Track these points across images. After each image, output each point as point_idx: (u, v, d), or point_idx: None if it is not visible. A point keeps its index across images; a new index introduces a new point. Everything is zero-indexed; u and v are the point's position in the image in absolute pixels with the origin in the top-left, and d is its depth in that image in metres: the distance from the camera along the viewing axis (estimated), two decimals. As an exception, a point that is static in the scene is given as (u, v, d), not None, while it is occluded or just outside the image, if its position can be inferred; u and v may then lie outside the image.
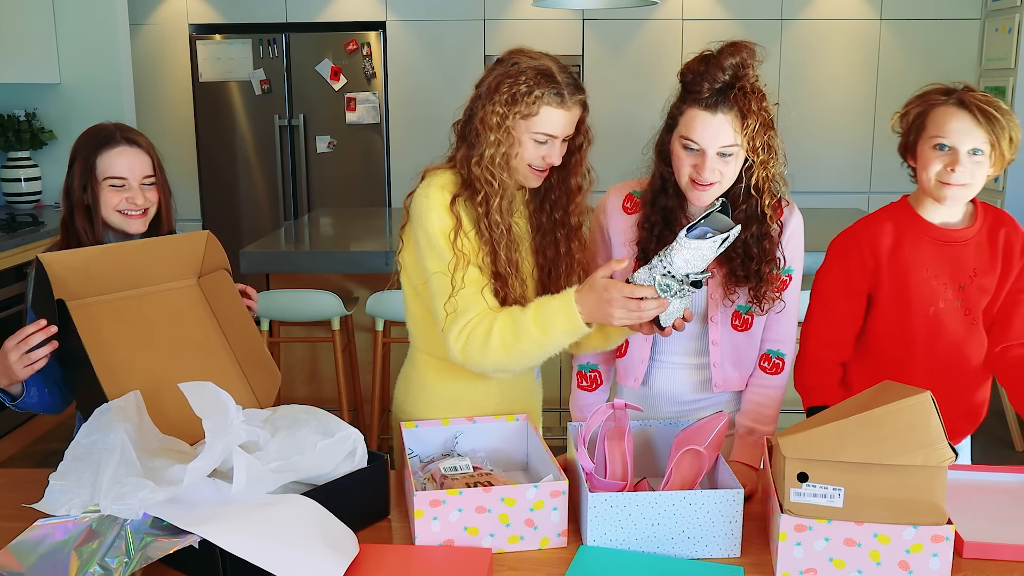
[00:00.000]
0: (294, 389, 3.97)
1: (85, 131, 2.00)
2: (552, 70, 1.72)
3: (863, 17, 5.69)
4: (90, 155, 1.94)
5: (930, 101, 1.85)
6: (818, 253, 2.07)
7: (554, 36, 5.79)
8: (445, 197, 1.74)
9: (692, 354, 1.94)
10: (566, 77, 1.73)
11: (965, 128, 1.78)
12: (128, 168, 1.95)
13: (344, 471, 1.57)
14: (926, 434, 1.39)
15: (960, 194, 1.83)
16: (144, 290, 1.88)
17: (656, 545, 1.50)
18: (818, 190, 5.59)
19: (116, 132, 1.98)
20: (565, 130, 1.74)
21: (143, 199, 1.97)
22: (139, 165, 1.97)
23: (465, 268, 1.71)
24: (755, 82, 1.73)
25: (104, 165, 1.94)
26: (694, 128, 1.72)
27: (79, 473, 1.50)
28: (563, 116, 1.72)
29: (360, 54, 5.77)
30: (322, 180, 5.95)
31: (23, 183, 4.81)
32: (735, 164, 1.75)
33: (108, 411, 1.60)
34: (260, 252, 3.63)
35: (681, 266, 1.60)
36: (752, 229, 1.80)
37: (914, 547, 1.39)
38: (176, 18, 5.88)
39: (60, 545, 1.39)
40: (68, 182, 1.95)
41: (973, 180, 1.81)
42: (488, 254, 1.74)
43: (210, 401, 1.53)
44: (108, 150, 1.94)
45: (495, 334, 1.68)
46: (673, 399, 1.97)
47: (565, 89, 1.71)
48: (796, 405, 1.93)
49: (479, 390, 1.91)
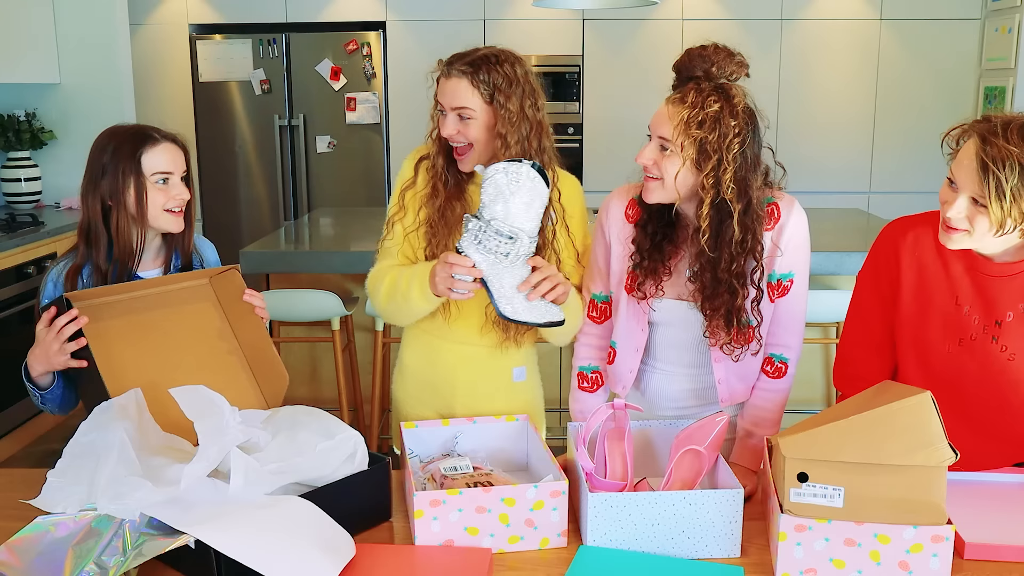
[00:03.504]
0: (294, 389, 3.96)
1: (111, 133, 1.93)
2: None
3: (863, 17, 5.69)
4: (134, 153, 1.88)
5: (970, 129, 1.59)
6: (818, 253, 2.05)
7: (554, 36, 5.79)
8: (415, 156, 1.98)
9: (691, 366, 1.88)
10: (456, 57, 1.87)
11: (968, 177, 1.54)
12: (172, 163, 1.92)
13: (344, 473, 1.57)
14: (926, 434, 1.39)
15: (961, 240, 1.61)
16: (154, 290, 1.87)
17: (656, 545, 1.50)
18: (818, 190, 5.58)
19: (152, 131, 1.94)
20: (450, 101, 1.84)
21: (187, 194, 1.95)
22: (180, 160, 1.95)
23: (403, 219, 1.94)
24: (724, 83, 1.69)
25: (151, 162, 1.89)
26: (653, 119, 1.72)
27: (77, 471, 1.50)
28: (444, 84, 1.86)
29: (360, 54, 5.77)
30: (322, 180, 5.95)
31: (23, 183, 4.81)
32: (672, 163, 1.67)
33: (108, 409, 1.60)
34: (260, 252, 3.63)
35: (492, 215, 1.64)
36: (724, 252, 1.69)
37: (914, 547, 1.39)
38: (176, 18, 5.88)
39: (59, 542, 1.39)
40: (106, 185, 1.88)
41: (975, 227, 1.57)
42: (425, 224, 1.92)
43: (202, 404, 1.53)
44: (153, 147, 1.90)
45: (386, 284, 1.90)
46: (670, 401, 1.93)
47: (444, 67, 1.86)
48: (796, 405, 1.93)
49: (440, 371, 2.02)
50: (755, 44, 5.63)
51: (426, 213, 1.91)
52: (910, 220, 1.77)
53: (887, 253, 1.77)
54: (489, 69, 1.82)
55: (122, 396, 1.64)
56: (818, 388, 3.91)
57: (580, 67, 5.80)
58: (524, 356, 2.04)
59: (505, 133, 1.82)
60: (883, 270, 1.77)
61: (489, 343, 1.97)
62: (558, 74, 5.82)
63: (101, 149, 1.90)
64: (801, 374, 3.84)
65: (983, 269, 1.67)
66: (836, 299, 3.32)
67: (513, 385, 2.03)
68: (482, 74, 1.82)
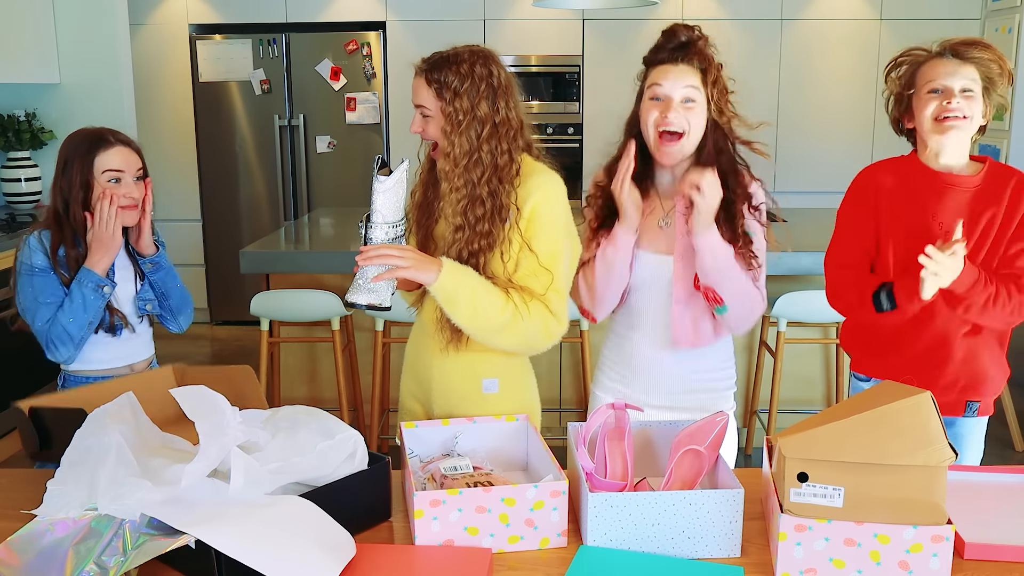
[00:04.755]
0: (294, 389, 3.97)
1: (74, 135, 2.21)
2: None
3: (863, 17, 5.69)
4: (88, 155, 2.15)
5: (916, 59, 2.05)
6: (819, 253, 2.07)
7: (554, 36, 5.79)
8: None
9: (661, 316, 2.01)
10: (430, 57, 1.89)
11: (952, 70, 1.97)
12: (124, 163, 2.17)
13: (344, 473, 1.57)
14: (926, 434, 1.39)
15: (960, 126, 1.97)
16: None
17: (656, 545, 1.50)
18: (818, 190, 5.59)
19: (109, 134, 2.19)
20: (413, 99, 1.88)
21: (138, 192, 2.19)
22: (133, 161, 2.19)
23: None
24: (710, 52, 1.92)
25: (103, 162, 2.15)
26: (659, 76, 1.91)
27: (76, 478, 1.51)
28: (413, 82, 1.88)
29: (360, 54, 5.78)
30: (322, 180, 5.95)
31: (23, 183, 4.81)
32: (699, 115, 1.90)
33: (101, 415, 1.60)
34: (260, 252, 3.63)
35: (381, 210, 1.77)
36: (730, 181, 1.91)
37: (914, 547, 1.39)
38: (176, 18, 5.88)
39: (58, 542, 1.39)
40: (65, 182, 2.16)
41: (971, 113, 1.97)
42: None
43: (203, 404, 1.53)
44: (106, 149, 2.16)
45: None
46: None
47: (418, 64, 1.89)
48: (796, 405, 1.93)
49: (422, 365, 2.04)
50: (755, 44, 5.64)
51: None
52: (878, 163, 2.17)
53: (864, 187, 2.14)
54: (444, 68, 1.82)
55: (113, 402, 1.65)
56: (818, 388, 3.91)
57: (580, 67, 5.80)
58: (497, 368, 1.97)
59: (450, 131, 1.82)
60: (861, 202, 2.12)
61: (446, 340, 1.94)
62: (558, 74, 5.82)
63: (64, 149, 2.19)
64: (801, 374, 3.87)
65: (945, 181, 2.03)
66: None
67: (483, 396, 1.97)
68: (435, 73, 1.83)
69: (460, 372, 1.97)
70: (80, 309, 2.12)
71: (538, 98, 5.84)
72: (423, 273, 1.77)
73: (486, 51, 1.87)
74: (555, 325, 1.87)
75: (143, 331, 2.32)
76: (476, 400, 1.97)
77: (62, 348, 2.15)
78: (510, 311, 1.82)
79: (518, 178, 1.85)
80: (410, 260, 1.75)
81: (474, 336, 1.87)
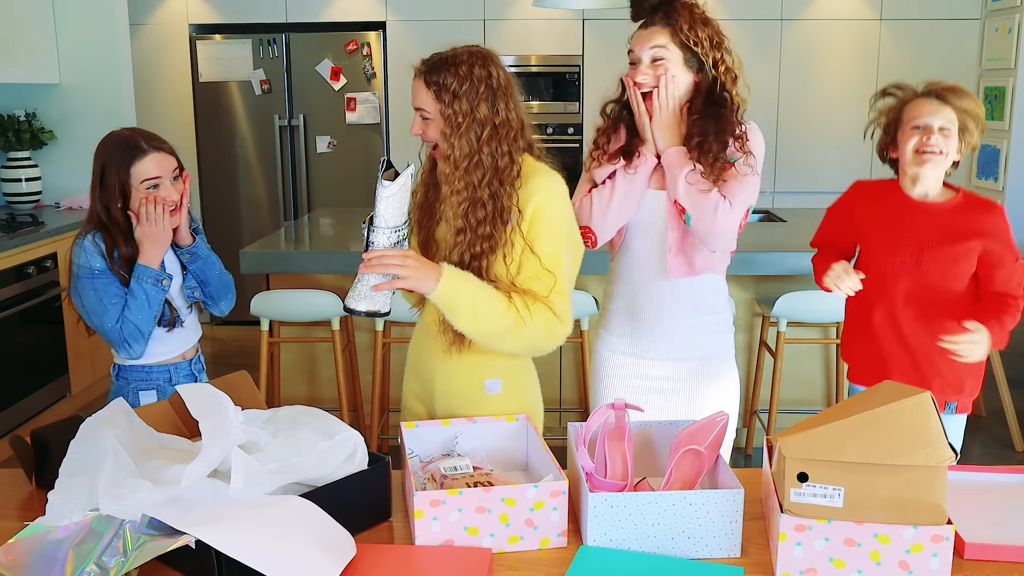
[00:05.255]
0: (294, 389, 3.97)
1: (108, 140, 2.21)
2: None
3: (863, 17, 5.69)
4: (125, 165, 2.16)
5: (905, 98, 2.31)
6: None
7: (554, 36, 5.79)
8: None
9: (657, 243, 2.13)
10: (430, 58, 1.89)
11: (934, 109, 2.24)
12: (161, 168, 2.18)
13: (344, 473, 1.57)
14: (926, 434, 1.39)
15: (936, 160, 2.23)
16: None
17: (656, 545, 1.50)
18: (818, 190, 5.58)
19: (142, 140, 2.19)
20: (413, 102, 1.89)
21: (176, 192, 2.21)
22: (168, 164, 2.21)
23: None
24: (682, 10, 2.04)
25: (140, 171, 2.16)
26: (632, 42, 2.10)
27: (76, 486, 1.50)
28: (412, 84, 1.88)
29: (360, 54, 5.78)
30: (322, 180, 5.95)
31: (23, 183, 4.81)
32: (675, 70, 2.05)
33: (93, 423, 1.60)
34: (260, 252, 3.63)
35: (384, 214, 1.79)
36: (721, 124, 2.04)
37: (914, 547, 1.39)
38: (176, 18, 5.88)
39: (59, 543, 1.39)
40: (103, 190, 2.18)
41: (948, 150, 2.23)
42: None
43: (207, 402, 1.53)
44: (142, 158, 2.16)
45: None
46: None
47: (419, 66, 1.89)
48: (796, 405, 1.93)
49: (425, 366, 2.04)
50: (755, 44, 5.64)
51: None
52: (869, 181, 2.45)
53: (850, 197, 2.45)
54: (443, 70, 1.82)
55: (105, 408, 1.66)
56: (818, 388, 3.91)
57: (580, 67, 5.80)
58: (500, 369, 1.97)
59: (449, 134, 1.82)
60: (846, 211, 2.44)
61: (448, 343, 1.94)
62: (558, 74, 5.82)
63: (99, 156, 2.19)
64: (801, 374, 3.87)
65: (913, 206, 2.30)
66: (836, 299, 3.32)
67: (486, 397, 1.97)
68: (434, 75, 1.82)
69: (463, 373, 1.97)
70: (144, 305, 2.16)
71: (538, 98, 5.84)
72: (422, 283, 1.78)
73: (485, 52, 1.86)
74: (559, 327, 1.87)
75: (191, 319, 2.37)
76: (479, 401, 1.97)
77: (135, 345, 2.19)
78: (512, 316, 1.82)
79: (519, 179, 1.85)
80: (410, 269, 1.76)
81: (476, 340, 1.87)
